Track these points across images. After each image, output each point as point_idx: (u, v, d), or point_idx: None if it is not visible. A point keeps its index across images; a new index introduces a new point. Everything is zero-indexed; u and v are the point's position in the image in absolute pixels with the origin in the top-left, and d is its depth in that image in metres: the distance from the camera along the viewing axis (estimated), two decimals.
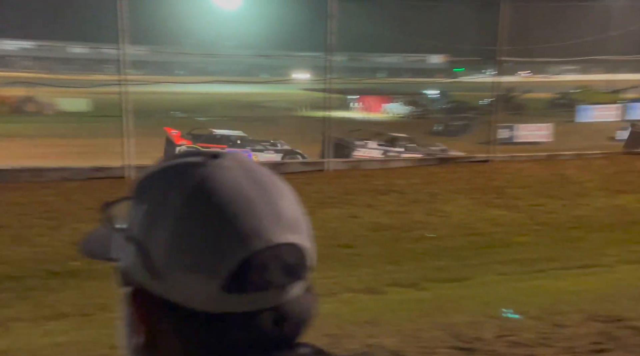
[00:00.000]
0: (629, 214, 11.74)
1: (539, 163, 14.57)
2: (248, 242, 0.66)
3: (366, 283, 7.53)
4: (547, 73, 61.08)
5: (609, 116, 20.63)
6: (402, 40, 31.17)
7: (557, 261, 8.84)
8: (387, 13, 21.61)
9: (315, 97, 26.42)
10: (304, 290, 0.71)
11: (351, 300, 6.89)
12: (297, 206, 0.72)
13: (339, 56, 19.02)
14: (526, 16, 20.38)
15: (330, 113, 14.55)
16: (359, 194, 12.11)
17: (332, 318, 5.76)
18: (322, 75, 15.11)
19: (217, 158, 0.71)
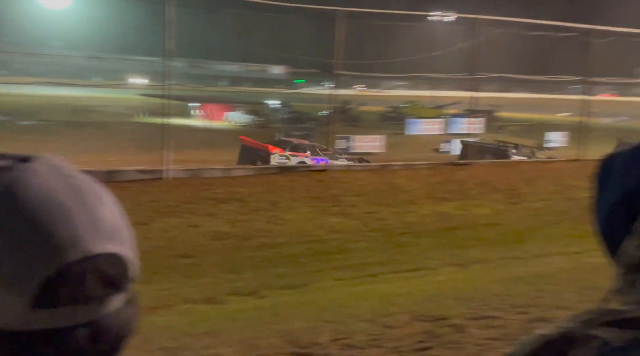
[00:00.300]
0: (451, 221, 12.77)
1: (373, 173, 15.37)
2: (61, 252, 0.60)
3: (205, 293, 7.40)
4: (380, 88, 64.73)
5: (434, 130, 22.31)
6: (243, 50, 31.36)
7: (388, 266, 9.35)
8: (227, 21, 21.58)
9: (153, 104, 25.59)
10: (124, 303, 0.67)
11: (189, 311, 6.73)
12: (119, 214, 0.68)
13: (178, 62, 18.59)
14: (361, 33, 21.45)
15: (170, 120, 14.17)
16: (199, 203, 11.91)
17: (168, 331, 5.58)
18: (160, 81, 14.67)
19: (26, 162, 0.65)
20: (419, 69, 23.51)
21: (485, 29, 17.80)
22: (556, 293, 6.85)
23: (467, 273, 8.86)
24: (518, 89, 65.40)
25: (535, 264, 9.25)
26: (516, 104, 52.25)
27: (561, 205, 14.36)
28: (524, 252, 10.27)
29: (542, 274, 8.20)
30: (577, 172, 16.88)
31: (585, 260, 8.91)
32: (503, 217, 13.32)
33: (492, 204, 14.04)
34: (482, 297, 6.85)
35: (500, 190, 15.02)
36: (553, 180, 16.16)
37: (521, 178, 16.16)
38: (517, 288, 7.26)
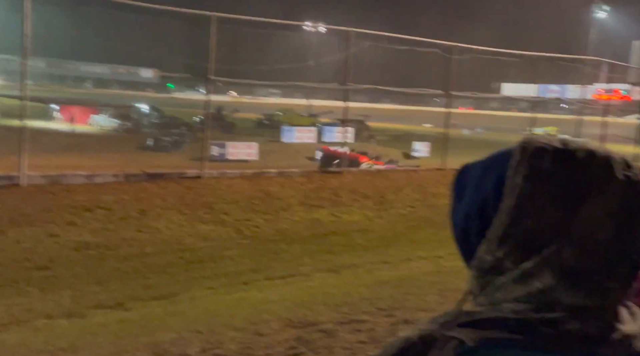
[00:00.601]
0: (323, 227, 13.00)
1: (247, 180, 15.27)
2: None
3: (65, 307, 6.94)
4: (254, 95, 64.73)
5: (308, 138, 22.61)
6: (110, 51, 29.89)
7: (261, 273, 9.33)
8: (93, 21, 20.52)
9: (7, 105, 23.72)
10: None
11: (46, 327, 6.27)
12: None
13: (38, 61, 17.38)
14: (236, 39, 21.32)
15: (27, 122, 13.18)
16: (60, 211, 11.16)
17: (21, 349, 5.17)
18: (16, 80, 13.62)
19: None
20: (293, 78, 23.79)
21: (356, 42, 18.38)
22: (420, 295, 7.18)
23: (338, 278, 9.05)
24: (387, 100, 68.34)
25: (401, 269, 9.65)
26: (385, 115, 54.45)
27: (424, 212, 15.13)
28: (391, 257, 10.68)
29: (408, 278, 8.57)
30: (439, 181, 17.86)
31: (446, 264, 9.44)
32: (372, 223, 13.79)
33: (362, 211, 14.48)
34: (352, 302, 7.01)
35: (370, 197, 15.53)
36: (417, 188, 16.97)
37: (389, 185, 16.81)
38: (384, 291, 7.51)
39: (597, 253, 0.77)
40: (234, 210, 13.05)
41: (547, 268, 0.77)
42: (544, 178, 0.79)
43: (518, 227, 0.79)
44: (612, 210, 0.77)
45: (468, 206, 0.87)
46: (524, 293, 0.78)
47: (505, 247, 0.80)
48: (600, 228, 0.77)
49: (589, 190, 0.78)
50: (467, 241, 0.87)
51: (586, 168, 0.79)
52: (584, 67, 27.11)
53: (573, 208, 0.77)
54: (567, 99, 34.61)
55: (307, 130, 23.26)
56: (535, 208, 0.78)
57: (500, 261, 0.81)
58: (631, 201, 0.79)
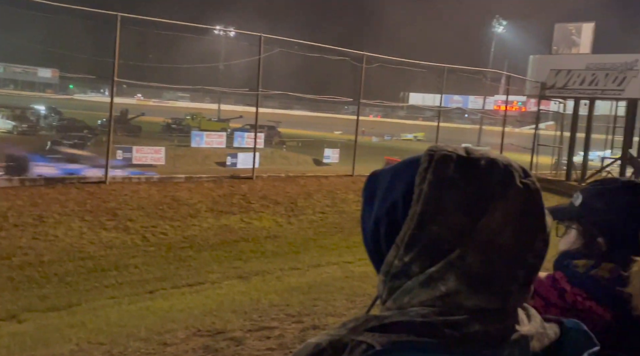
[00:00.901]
0: (233, 233, 12.85)
1: (154, 185, 14.84)
2: None
3: None
4: (163, 98, 63.24)
5: (218, 143, 22.33)
6: (5, 49, 28.19)
7: (168, 281, 9.07)
8: None
9: None
10: None
11: None
12: None
13: None
14: (144, 41, 20.76)
15: None
16: None
17: None
18: None
19: None
20: (204, 82, 23.42)
21: (268, 47, 18.37)
22: (329, 301, 7.22)
23: (247, 285, 8.95)
24: (298, 107, 68.83)
25: (311, 274, 9.69)
26: (297, 121, 54.82)
27: (334, 218, 15.30)
28: (301, 263, 10.71)
29: (317, 284, 8.61)
30: (348, 187, 18.14)
31: (354, 269, 9.57)
32: (283, 229, 13.77)
33: (273, 217, 14.44)
34: (261, 308, 6.95)
35: (281, 203, 15.52)
36: (328, 194, 17.15)
37: (300, 191, 16.88)
38: (293, 298, 7.50)
39: (498, 257, 0.79)
40: (139, 216, 12.63)
41: (452, 272, 0.79)
42: (449, 185, 0.81)
43: (424, 232, 0.80)
44: (512, 216, 0.80)
45: (377, 212, 0.87)
46: (430, 297, 0.80)
47: (412, 252, 0.81)
48: (500, 233, 0.79)
49: (490, 197, 0.80)
50: (377, 246, 0.87)
51: (488, 176, 0.82)
52: (485, 80, 28.50)
53: (476, 214, 0.79)
54: (469, 109, 36.28)
55: (217, 135, 22.98)
56: (441, 214, 0.80)
57: (407, 265, 0.81)
58: (529, 207, 0.82)
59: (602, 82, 22.83)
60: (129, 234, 11.56)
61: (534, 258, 0.82)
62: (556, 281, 1.49)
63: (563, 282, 1.48)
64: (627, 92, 22.39)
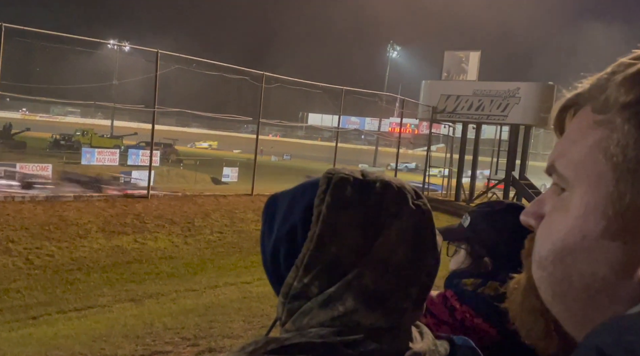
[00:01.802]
0: (126, 254, 12.35)
1: (39, 204, 14.01)
2: None
3: None
4: (51, 113, 60.16)
5: (110, 160, 21.50)
6: None
7: (54, 305, 8.57)
8: None
9: None
10: None
11: None
12: None
13: None
14: (30, 53, 19.69)
15: None
16: None
17: None
18: None
19: None
20: (96, 97, 22.55)
21: (165, 63, 18.00)
22: (226, 323, 7.09)
23: (140, 308, 8.62)
24: (196, 124, 67.76)
25: (208, 296, 9.49)
26: (195, 139, 53.89)
27: (233, 237, 15.12)
28: (198, 284, 10.47)
29: (214, 305, 8.44)
30: (247, 206, 18.02)
31: (252, 290, 9.49)
32: (179, 250, 13.42)
33: (168, 237, 14.04)
34: (155, 332, 6.71)
35: (177, 223, 15.14)
36: (226, 213, 16.93)
37: (198, 211, 16.55)
38: (189, 320, 7.31)
39: (393, 276, 0.82)
40: (22, 237, 11.85)
41: (349, 292, 0.81)
42: (346, 206, 0.83)
43: (323, 253, 0.82)
44: (405, 236, 0.83)
45: (277, 233, 0.88)
46: (329, 318, 0.81)
47: (311, 273, 0.82)
48: (394, 252, 0.82)
49: (385, 217, 0.83)
50: (277, 268, 0.88)
51: (382, 197, 0.85)
52: (381, 102, 29.45)
53: (372, 234, 0.82)
54: (365, 131, 37.29)
55: (110, 152, 22.11)
56: (339, 235, 0.82)
57: (306, 286, 0.83)
58: (420, 227, 0.86)
59: (488, 107, 24.26)
60: (10, 256, 10.81)
61: (427, 276, 0.85)
62: (447, 299, 1.54)
63: (453, 300, 1.53)
64: (510, 117, 23.93)
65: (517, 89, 23.80)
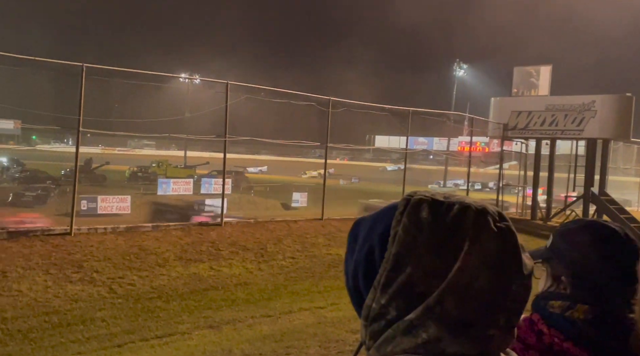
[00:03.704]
0: (203, 282, 12.63)
1: (120, 235, 14.58)
2: None
3: None
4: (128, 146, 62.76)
5: (185, 190, 22.16)
6: None
7: (136, 333, 8.83)
8: None
9: None
10: None
11: None
12: None
13: None
14: (108, 90, 20.68)
15: None
16: None
17: None
18: None
19: None
20: (170, 129, 23.36)
21: (234, 94, 18.51)
22: (302, 348, 7.11)
23: (219, 335, 8.77)
24: (265, 151, 69.01)
25: (283, 322, 9.55)
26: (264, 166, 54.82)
27: (305, 262, 15.21)
28: (273, 310, 10.56)
29: (289, 331, 8.48)
30: (318, 231, 18.11)
31: (327, 315, 9.48)
32: (253, 276, 13.61)
33: (242, 264, 14.28)
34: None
35: (250, 249, 15.38)
36: (297, 239, 17.07)
37: (270, 237, 16.77)
38: (266, 346, 7.38)
39: (476, 302, 0.81)
40: (106, 268, 12.36)
41: (431, 319, 0.80)
42: (421, 228, 0.84)
43: (399, 274, 0.82)
44: (487, 261, 0.82)
45: (357, 255, 0.90)
46: (413, 345, 0.81)
47: (388, 294, 0.83)
48: (476, 278, 0.81)
49: (462, 241, 0.82)
50: (357, 290, 0.90)
51: (460, 220, 0.84)
52: (449, 122, 29.09)
53: (447, 257, 0.81)
54: (434, 151, 36.84)
55: (184, 182, 22.80)
56: (414, 256, 0.82)
57: (384, 308, 0.83)
58: (503, 251, 0.84)
59: (562, 122, 23.53)
60: (95, 286, 11.27)
61: (513, 302, 0.83)
62: (534, 323, 1.51)
63: (540, 324, 1.50)
64: (586, 132, 23.10)
65: (593, 102, 22.97)
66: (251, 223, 18.09)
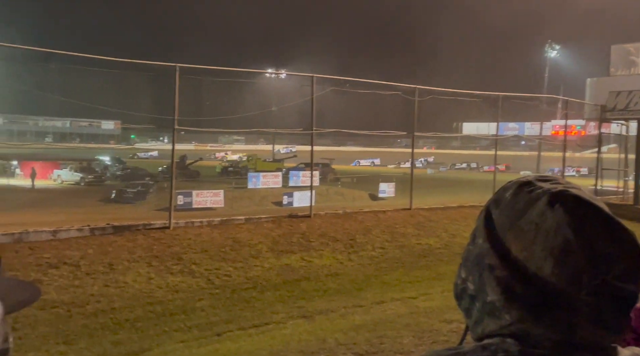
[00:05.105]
0: (295, 272, 12.91)
1: (215, 228, 15.13)
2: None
3: None
4: (219, 142, 64.78)
5: (274, 183, 22.62)
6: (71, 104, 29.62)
7: (234, 323, 9.17)
8: (54, 75, 20.41)
9: None
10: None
11: None
12: None
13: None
14: (199, 88, 21.45)
15: None
16: (24, 270, 10.85)
17: None
18: None
19: None
20: (258, 124, 23.93)
21: (320, 86, 18.69)
22: (396, 338, 7.13)
23: (312, 325, 8.94)
24: (351, 143, 69.18)
25: (375, 311, 9.60)
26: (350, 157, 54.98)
27: (395, 253, 15.18)
28: (364, 300, 10.63)
29: (382, 321, 8.52)
30: (406, 221, 17.99)
31: (419, 305, 9.44)
32: (343, 267, 13.75)
33: (332, 255, 14.45)
34: (328, 348, 6.93)
35: (340, 240, 15.52)
36: (386, 229, 17.05)
37: (358, 227, 16.85)
38: (360, 336, 7.45)
39: (543, 288, 0.79)
40: (203, 259, 12.89)
41: (511, 301, 0.81)
42: (499, 206, 0.86)
43: (474, 246, 0.87)
44: (552, 251, 0.79)
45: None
46: (498, 327, 0.83)
47: (467, 268, 0.87)
48: (540, 268, 0.79)
49: (527, 225, 0.82)
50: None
51: (530, 204, 0.83)
52: (541, 105, 28.01)
53: (511, 237, 0.82)
54: (525, 136, 35.59)
55: (273, 175, 23.25)
56: (487, 230, 0.85)
57: (464, 281, 0.87)
58: (572, 241, 0.79)
59: None
60: (194, 277, 11.79)
61: (587, 295, 0.78)
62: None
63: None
64: None
65: None
66: (340, 214, 18.24)
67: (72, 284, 10.54)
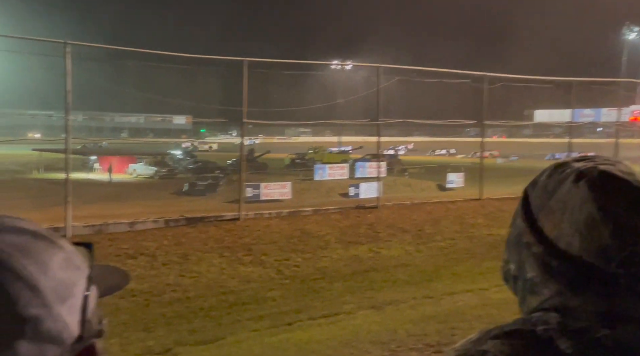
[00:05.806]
0: (363, 263, 12.94)
1: (284, 219, 15.37)
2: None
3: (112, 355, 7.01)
4: (285, 135, 65.56)
5: (340, 175, 22.71)
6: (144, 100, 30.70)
7: (304, 313, 9.29)
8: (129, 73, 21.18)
9: (50, 158, 24.44)
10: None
11: None
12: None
13: (78, 115, 17.98)
14: (267, 82, 21.78)
15: (70, 175, 13.56)
16: (105, 260, 11.40)
17: None
18: (57, 134, 14.12)
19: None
20: (324, 116, 24.06)
21: (385, 77, 18.58)
22: (467, 330, 7.04)
23: (382, 315, 8.95)
24: (418, 133, 68.42)
25: (446, 303, 9.50)
26: (417, 148, 54.46)
27: (465, 244, 14.94)
28: (434, 291, 10.53)
29: (453, 312, 8.43)
30: (477, 211, 17.67)
31: (491, 296, 9.26)
32: (412, 257, 13.66)
33: (401, 246, 14.38)
34: (399, 338, 6.93)
35: (408, 231, 15.43)
36: (455, 219, 16.81)
37: (427, 218, 16.70)
38: (430, 327, 7.41)
39: (576, 263, 0.81)
40: (273, 250, 13.12)
41: (549, 276, 0.83)
42: (534, 186, 0.90)
43: (514, 227, 0.90)
44: (577, 226, 0.81)
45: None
46: (538, 302, 0.85)
47: (509, 249, 0.90)
48: (570, 244, 0.81)
49: (554, 203, 0.85)
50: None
51: (559, 185, 0.86)
52: (619, 90, 26.80)
53: (540, 216, 0.85)
54: (602, 123, 34.18)
55: (339, 167, 23.32)
56: (525, 212, 0.88)
57: (506, 263, 0.91)
58: (597, 220, 0.81)
59: None
60: (264, 268, 12.02)
61: (618, 267, 0.79)
62: None
63: None
64: None
65: None
66: (407, 205, 18.12)
67: (149, 274, 10.97)
